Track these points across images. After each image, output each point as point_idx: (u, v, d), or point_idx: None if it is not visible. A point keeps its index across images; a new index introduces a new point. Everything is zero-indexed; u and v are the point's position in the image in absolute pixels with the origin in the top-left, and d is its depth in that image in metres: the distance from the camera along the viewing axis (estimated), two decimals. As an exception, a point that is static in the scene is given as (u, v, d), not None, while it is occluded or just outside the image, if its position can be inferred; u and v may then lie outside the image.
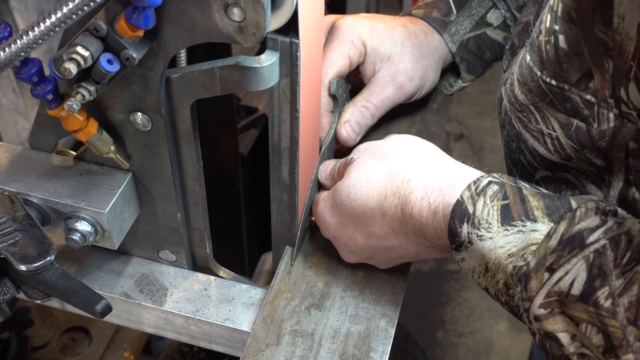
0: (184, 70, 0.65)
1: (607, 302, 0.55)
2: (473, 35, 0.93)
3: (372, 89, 0.88)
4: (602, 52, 0.59)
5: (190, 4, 0.57)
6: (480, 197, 0.62)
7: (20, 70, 0.60)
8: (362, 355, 0.72)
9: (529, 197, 0.61)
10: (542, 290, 0.58)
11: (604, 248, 0.56)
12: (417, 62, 0.89)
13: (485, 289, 0.65)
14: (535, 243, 0.59)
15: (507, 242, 0.60)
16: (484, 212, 0.62)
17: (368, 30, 0.87)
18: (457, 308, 2.21)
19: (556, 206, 0.60)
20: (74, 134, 0.66)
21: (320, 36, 0.73)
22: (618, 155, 0.63)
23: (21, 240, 0.66)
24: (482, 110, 2.84)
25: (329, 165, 0.82)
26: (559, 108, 0.65)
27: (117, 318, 0.84)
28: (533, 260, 0.58)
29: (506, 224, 0.61)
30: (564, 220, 0.59)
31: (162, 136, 0.69)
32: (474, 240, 0.62)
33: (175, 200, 0.75)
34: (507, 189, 0.62)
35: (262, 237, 1.56)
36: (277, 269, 0.80)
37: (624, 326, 0.54)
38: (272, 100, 0.69)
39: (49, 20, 0.52)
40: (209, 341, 0.82)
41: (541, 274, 0.58)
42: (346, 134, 0.86)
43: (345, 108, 0.87)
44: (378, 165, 0.72)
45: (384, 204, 0.69)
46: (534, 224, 0.60)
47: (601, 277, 0.55)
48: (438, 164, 0.69)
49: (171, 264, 0.84)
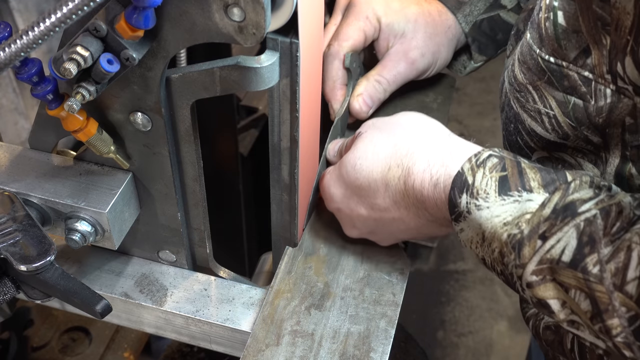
0: (184, 70, 0.65)
1: (595, 268, 0.56)
2: (487, 17, 0.94)
3: (385, 64, 0.90)
4: (599, 28, 0.60)
5: (190, 4, 0.57)
6: (480, 168, 0.64)
7: (20, 70, 0.60)
8: (362, 355, 0.72)
9: (527, 169, 0.63)
10: (535, 257, 0.60)
11: (595, 217, 0.58)
12: (430, 39, 0.91)
13: (482, 260, 0.66)
14: (530, 212, 0.60)
15: (503, 212, 0.62)
16: (483, 183, 0.63)
17: (383, 7, 0.90)
18: (457, 308, 2.20)
19: (552, 178, 0.62)
20: (74, 134, 0.66)
21: (321, 36, 0.73)
22: (615, 131, 0.64)
23: (21, 240, 0.66)
24: (482, 110, 2.84)
25: (337, 143, 0.84)
26: (557, 86, 0.67)
27: (117, 318, 0.84)
28: (527, 228, 0.60)
29: (503, 194, 0.62)
30: (558, 191, 0.60)
31: (162, 136, 0.69)
32: (472, 210, 0.64)
33: (175, 200, 0.75)
34: (506, 162, 0.64)
35: (262, 237, 1.56)
36: (277, 269, 0.80)
37: (610, 291, 0.56)
38: (272, 100, 0.69)
39: (49, 20, 0.52)
40: (209, 341, 0.82)
41: (534, 242, 0.60)
42: (359, 106, 0.89)
43: (358, 82, 0.90)
44: (384, 138, 0.74)
45: (388, 175, 0.72)
46: (530, 194, 0.61)
47: (590, 244, 0.57)
48: (442, 138, 0.71)
49: (171, 264, 0.84)
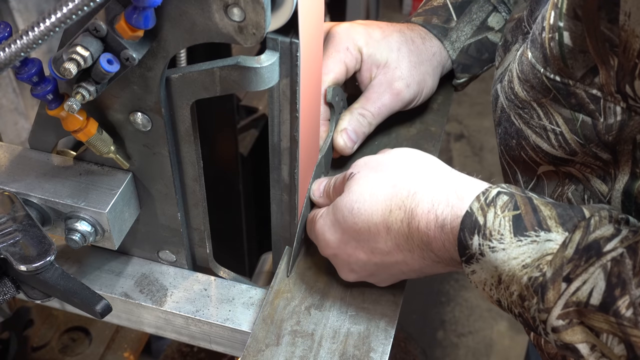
0: (184, 70, 0.65)
1: (628, 312, 0.54)
2: (474, 41, 0.92)
3: (369, 96, 0.87)
4: (607, 49, 0.58)
5: (190, 4, 0.57)
6: (491, 207, 0.61)
7: (20, 70, 0.60)
8: (362, 355, 0.72)
9: (541, 206, 0.60)
10: (560, 300, 0.57)
11: (622, 256, 0.55)
12: (414, 68, 0.88)
13: (497, 302, 0.64)
14: (551, 253, 0.58)
15: (521, 253, 0.59)
16: (495, 223, 0.61)
17: (364, 37, 0.87)
18: (457, 308, 2.21)
19: (569, 215, 0.59)
20: (74, 134, 0.66)
21: (320, 36, 0.73)
22: (625, 148, 0.62)
23: (21, 241, 0.66)
24: (482, 110, 2.84)
25: (322, 182, 0.80)
26: (564, 103, 0.65)
27: (117, 318, 0.84)
28: (549, 271, 0.57)
29: (519, 234, 0.59)
30: (578, 229, 0.58)
31: (162, 136, 0.69)
32: (485, 252, 0.61)
33: (175, 200, 0.75)
34: (518, 199, 0.61)
35: (262, 237, 1.57)
36: (277, 269, 0.80)
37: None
38: (272, 100, 0.69)
39: (49, 20, 0.52)
40: (209, 341, 0.82)
41: (558, 285, 0.57)
42: (343, 142, 0.85)
43: (342, 116, 0.86)
44: (381, 179, 0.70)
45: (389, 218, 0.68)
46: (548, 233, 0.59)
47: (621, 286, 0.55)
48: (443, 176, 0.68)
49: (171, 264, 0.84)
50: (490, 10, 0.93)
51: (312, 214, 0.79)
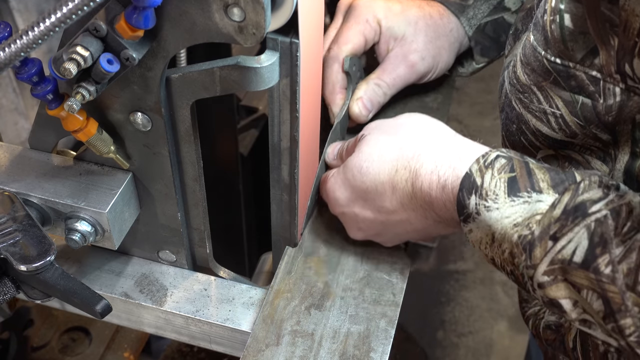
0: (184, 70, 0.65)
1: (607, 269, 0.57)
2: (490, 20, 0.94)
3: (385, 67, 0.90)
4: (607, 29, 0.60)
5: (190, 4, 0.57)
6: (489, 169, 0.64)
7: (20, 70, 0.60)
8: (362, 355, 0.72)
9: (535, 170, 0.63)
10: (546, 258, 0.60)
11: (606, 218, 0.58)
12: (430, 42, 0.91)
13: (491, 260, 0.66)
14: (540, 213, 0.60)
15: (513, 213, 0.62)
16: (492, 184, 0.63)
17: (384, 10, 0.89)
18: (457, 308, 2.20)
19: (561, 178, 0.62)
20: (74, 134, 0.66)
21: (320, 36, 0.73)
22: (625, 128, 0.64)
23: (21, 240, 0.66)
24: (482, 110, 2.84)
25: (337, 146, 0.84)
26: (563, 86, 0.66)
27: (117, 318, 0.84)
28: (537, 229, 0.60)
29: (512, 195, 0.62)
30: (568, 191, 0.60)
31: (162, 136, 0.69)
32: (481, 211, 0.64)
33: (175, 200, 0.75)
34: (514, 163, 0.64)
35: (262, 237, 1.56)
36: (277, 269, 0.80)
37: (623, 292, 0.56)
38: (272, 100, 0.69)
39: (49, 20, 0.52)
40: (209, 341, 0.82)
41: (545, 243, 0.60)
42: (358, 110, 0.89)
43: (358, 86, 0.89)
44: (390, 141, 0.73)
45: (395, 177, 0.71)
46: (540, 194, 0.61)
47: (602, 245, 0.57)
48: (448, 139, 0.71)
49: (171, 264, 0.84)
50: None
51: (325, 174, 0.82)
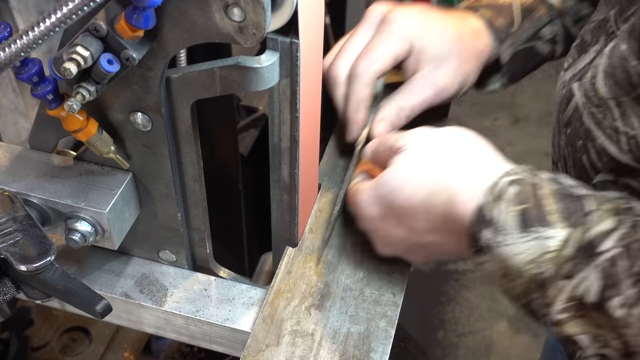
0: (184, 70, 0.65)
1: (620, 312, 0.55)
2: (524, 47, 0.91)
3: (412, 88, 0.87)
4: None
5: (190, 4, 0.57)
6: (499, 202, 0.62)
7: (20, 70, 0.60)
8: (362, 355, 0.72)
9: (546, 199, 0.61)
10: (561, 296, 0.59)
11: (617, 256, 0.56)
12: (460, 67, 0.87)
13: (504, 291, 0.65)
14: (552, 251, 0.59)
15: (525, 249, 0.60)
16: (502, 219, 0.61)
17: (419, 28, 0.85)
18: (457, 308, 2.21)
19: (573, 209, 0.60)
20: (74, 134, 0.66)
21: (321, 36, 0.73)
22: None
23: (21, 241, 0.66)
24: (482, 110, 2.84)
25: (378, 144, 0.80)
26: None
27: (117, 318, 0.84)
28: (550, 269, 0.59)
29: (524, 230, 0.60)
30: (579, 226, 0.58)
31: (162, 136, 0.69)
32: (493, 246, 0.62)
33: (175, 200, 0.75)
34: (525, 190, 0.62)
35: (262, 237, 1.56)
36: (277, 269, 0.80)
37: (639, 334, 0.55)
38: (272, 100, 0.69)
39: (49, 20, 0.52)
40: (209, 341, 0.82)
41: (558, 282, 0.58)
42: (379, 133, 0.85)
43: (382, 105, 0.87)
44: (428, 158, 0.70)
45: (431, 199, 0.68)
46: (550, 229, 0.59)
47: (614, 286, 0.56)
48: (489, 164, 0.68)
49: (171, 264, 0.84)
50: (546, 22, 0.91)
51: (356, 184, 0.79)
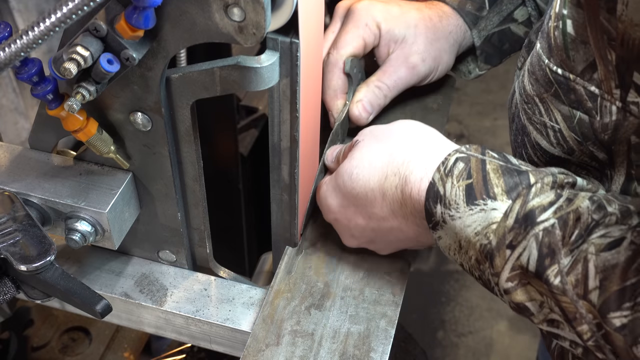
0: (184, 70, 0.65)
1: (556, 280, 0.58)
2: (498, 30, 0.94)
3: (385, 69, 0.90)
4: (605, 42, 0.59)
5: (190, 4, 0.57)
6: (449, 177, 0.65)
7: (20, 70, 0.60)
8: (362, 355, 0.72)
9: (491, 173, 0.64)
10: (507, 265, 0.61)
11: (553, 227, 0.59)
12: (430, 44, 0.90)
13: (460, 265, 0.68)
14: (495, 222, 0.62)
15: (473, 221, 0.63)
16: (452, 193, 0.64)
17: (382, 13, 0.89)
18: (457, 308, 2.20)
19: (515, 182, 0.62)
20: (74, 134, 0.66)
21: (321, 36, 0.73)
22: (620, 148, 0.64)
23: (21, 240, 0.66)
24: (482, 110, 2.84)
25: (336, 149, 0.83)
26: (563, 99, 0.66)
27: (117, 318, 0.84)
28: (494, 239, 0.61)
29: (470, 203, 0.63)
30: (519, 198, 0.61)
31: (162, 136, 0.69)
32: (447, 219, 0.65)
33: (175, 200, 0.75)
34: (472, 166, 0.65)
35: (262, 237, 1.56)
36: (277, 269, 0.80)
37: (575, 301, 0.57)
38: (272, 100, 0.69)
39: (49, 20, 0.52)
40: (209, 341, 0.82)
41: (503, 252, 0.61)
42: (358, 112, 0.88)
43: (358, 88, 0.89)
44: (381, 147, 0.73)
45: (385, 184, 0.71)
46: (494, 202, 0.62)
47: (550, 255, 0.58)
48: (438, 146, 0.71)
49: (171, 264, 0.84)
50: (519, 3, 0.94)
51: (322, 180, 0.81)
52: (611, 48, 0.59)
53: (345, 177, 0.74)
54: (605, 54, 0.60)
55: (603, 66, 0.61)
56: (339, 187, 0.76)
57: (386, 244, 0.78)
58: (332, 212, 0.78)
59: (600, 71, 0.61)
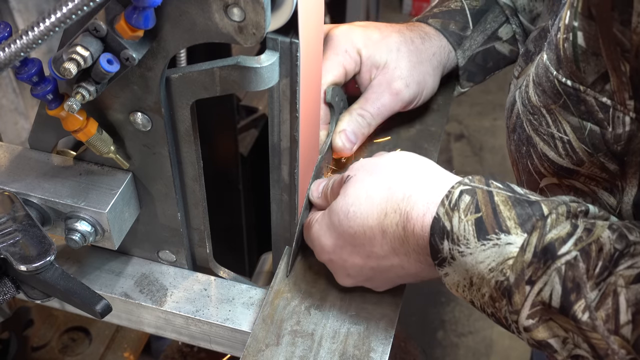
0: (184, 70, 0.65)
1: (584, 316, 0.56)
2: (482, 50, 0.93)
3: (368, 96, 0.87)
4: (618, 54, 0.58)
5: (190, 4, 0.57)
6: (455, 211, 0.62)
7: (20, 70, 0.60)
8: (362, 355, 0.72)
9: (501, 206, 0.61)
10: (527, 302, 0.58)
11: (576, 260, 0.56)
12: (414, 68, 0.88)
13: (470, 302, 0.64)
14: (511, 257, 0.59)
15: (486, 257, 0.60)
16: (460, 228, 0.61)
17: (362, 39, 0.87)
18: (457, 308, 2.21)
19: (527, 214, 0.60)
20: (74, 134, 0.66)
21: (320, 36, 0.73)
22: (633, 159, 0.62)
23: (21, 240, 0.66)
24: (482, 110, 2.84)
25: (321, 183, 0.79)
26: (572, 111, 0.64)
27: (117, 318, 0.84)
28: (512, 276, 0.59)
29: (482, 238, 0.60)
30: (535, 231, 0.58)
31: (162, 136, 0.69)
32: (456, 256, 0.62)
33: (175, 200, 0.75)
34: (479, 198, 0.62)
35: (262, 237, 1.56)
36: (277, 269, 0.80)
37: (606, 337, 0.55)
38: (272, 100, 0.69)
39: (49, 20, 0.52)
40: (209, 341, 0.82)
41: (522, 288, 0.58)
42: (341, 143, 0.85)
43: (341, 117, 0.86)
44: (376, 182, 0.69)
45: (385, 221, 0.67)
46: (508, 236, 0.59)
47: (576, 290, 0.56)
48: (438, 178, 0.67)
49: (171, 264, 0.84)
50: (503, 21, 0.93)
51: (309, 218, 0.78)
52: (625, 60, 0.57)
53: (342, 216, 0.70)
54: (618, 66, 0.58)
55: (616, 77, 0.59)
56: (333, 226, 0.71)
57: (384, 281, 0.75)
58: (326, 252, 0.74)
59: (613, 82, 0.60)
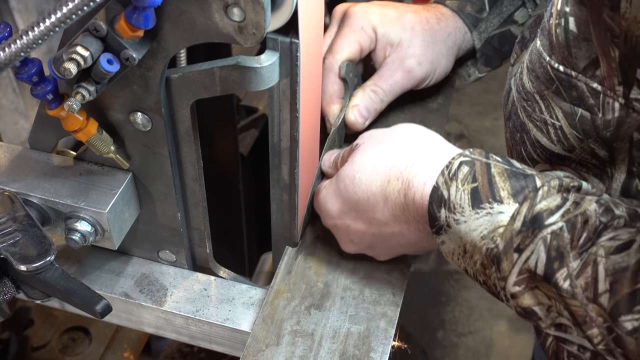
0: (184, 70, 0.65)
1: (565, 283, 0.57)
2: (498, 33, 0.94)
3: (381, 73, 0.89)
4: (608, 39, 0.59)
5: (190, 4, 0.57)
6: (453, 181, 0.64)
7: (20, 70, 0.60)
8: (362, 355, 0.72)
9: (496, 177, 0.63)
10: (514, 269, 0.60)
11: (561, 230, 0.58)
12: (427, 47, 0.90)
13: (464, 270, 0.67)
14: (502, 225, 0.61)
15: (479, 225, 0.62)
16: (457, 197, 0.64)
17: (378, 16, 0.88)
18: (457, 308, 2.20)
19: (521, 185, 0.62)
20: (74, 134, 0.66)
21: (320, 36, 0.73)
22: (622, 145, 0.64)
23: (21, 240, 0.66)
24: (482, 110, 2.84)
25: (333, 154, 0.82)
26: (564, 96, 0.66)
27: (117, 318, 0.84)
28: (501, 243, 0.61)
29: (476, 207, 0.63)
30: (526, 201, 0.61)
31: (162, 136, 0.69)
32: (451, 224, 0.64)
33: (175, 200, 0.75)
34: (477, 169, 0.64)
35: (262, 237, 1.56)
36: (277, 269, 0.80)
37: (585, 304, 0.57)
38: (272, 100, 0.69)
39: (49, 20, 0.52)
40: (209, 341, 0.82)
41: (510, 255, 0.60)
42: (354, 118, 0.87)
43: (354, 93, 0.89)
44: (383, 151, 0.72)
45: (387, 188, 0.70)
46: (500, 205, 0.62)
47: (559, 258, 0.58)
48: (441, 149, 0.70)
49: (171, 264, 0.84)
50: (519, 5, 0.94)
51: (319, 185, 0.80)
52: (614, 45, 0.59)
53: (347, 182, 0.73)
54: (608, 51, 0.60)
55: (606, 63, 0.61)
56: (339, 191, 0.75)
57: (386, 250, 0.77)
58: (331, 217, 0.77)
59: (602, 68, 0.61)
